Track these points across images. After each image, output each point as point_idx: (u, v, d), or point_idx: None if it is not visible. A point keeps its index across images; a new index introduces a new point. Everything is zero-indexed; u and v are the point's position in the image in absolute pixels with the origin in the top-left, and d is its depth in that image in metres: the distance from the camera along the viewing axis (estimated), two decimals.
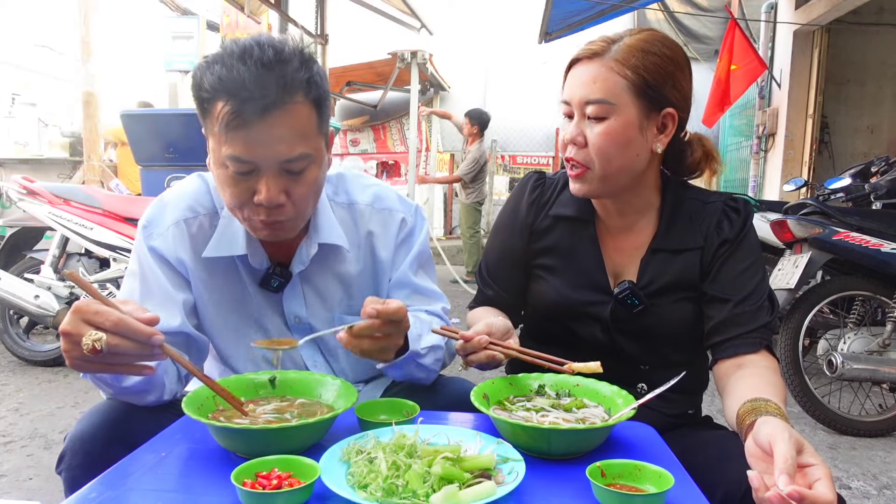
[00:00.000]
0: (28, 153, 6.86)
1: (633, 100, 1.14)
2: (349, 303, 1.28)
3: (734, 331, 1.19)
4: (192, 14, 8.94)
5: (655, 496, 0.77)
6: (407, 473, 0.77)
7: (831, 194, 3.96)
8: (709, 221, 1.25)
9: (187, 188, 1.24)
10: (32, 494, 2.22)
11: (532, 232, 1.33)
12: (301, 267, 1.22)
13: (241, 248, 1.18)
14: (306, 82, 1.04)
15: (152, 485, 0.82)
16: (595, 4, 6.13)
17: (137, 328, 0.84)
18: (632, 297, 1.23)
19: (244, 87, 0.97)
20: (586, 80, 1.15)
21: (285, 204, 1.06)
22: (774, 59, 6.84)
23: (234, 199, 1.06)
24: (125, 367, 0.88)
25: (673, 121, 1.19)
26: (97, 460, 0.96)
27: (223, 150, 1.02)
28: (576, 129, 1.17)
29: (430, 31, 8.73)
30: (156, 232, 1.19)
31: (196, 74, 1.04)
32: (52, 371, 3.75)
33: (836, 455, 2.82)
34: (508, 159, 11.94)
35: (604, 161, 1.16)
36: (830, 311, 3.39)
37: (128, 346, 0.84)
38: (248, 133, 0.99)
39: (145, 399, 1.08)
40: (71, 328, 0.84)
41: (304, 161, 1.06)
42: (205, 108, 1.03)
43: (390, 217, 1.29)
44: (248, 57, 0.99)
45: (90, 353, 0.82)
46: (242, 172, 1.03)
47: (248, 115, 0.98)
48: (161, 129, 3.91)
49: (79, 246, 3.70)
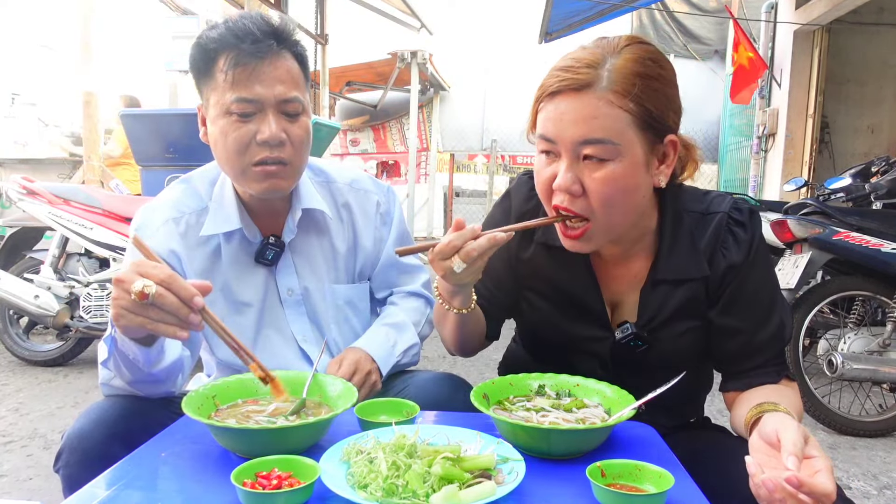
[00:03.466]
0: (28, 153, 6.86)
1: (637, 136, 0.98)
2: (335, 274, 1.37)
3: (749, 363, 1.10)
4: (192, 14, 8.94)
5: (655, 496, 0.77)
6: (407, 473, 0.77)
7: (831, 194, 3.96)
8: (712, 241, 1.11)
9: (171, 194, 1.32)
10: (32, 494, 2.22)
11: (519, 257, 1.21)
12: (291, 235, 1.31)
13: (235, 223, 1.27)
14: (293, 42, 1.21)
15: (152, 485, 0.82)
16: (595, 4, 6.13)
17: (184, 285, 0.91)
18: (634, 339, 1.12)
19: (249, 34, 1.14)
20: (582, 116, 0.97)
21: (286, 143, 1.18)
22: (774, 59, 6.84)
23: (237, 143, 1.16)
24: (163, 324, 0.91)
25: (675, 148, 1.04)
26: (95, 458, 0.97)
27: (227, 96, 1.15)
28: (570, 177, 0.99)
29: (429, 31, 8.73)
30: (147, 233, 1.26)
31: (201, 37, 1.18)
32: (51, 371, 3.75)
33: (836, 455, 2.82)
34: (508, 159, 11.94)
35: (608, 211, 1.01)
36: (830, 311, 3.39)
37: (172, 301, 0.89)
38: (252, 73, 1.14)
39: (160, 389, 1.12)
40: (125, 276, 0.90)
41: (299, 105, 1.19)
42: (208, 65, 1.17)
43: (366, 198, 1.40)
44: (246, 17, 1.17)
45: (138, 297, 0.87)
46: (246, 114, 1.15)
47: (251, 58, 1.14)
48: (161, 129, 3.90)
49: (79, 246, 3.70)
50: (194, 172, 1.36)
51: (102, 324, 3.63)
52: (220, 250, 1.29)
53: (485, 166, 11.68)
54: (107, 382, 1.12)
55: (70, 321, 3.66)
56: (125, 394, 1.12)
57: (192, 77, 1.23)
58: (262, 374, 0.96)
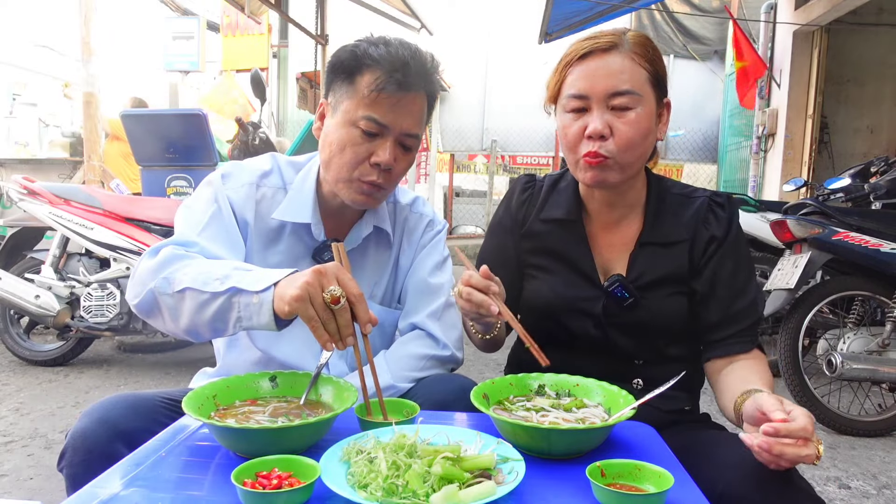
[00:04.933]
0: (28, 153, 6.86)
1: (651, 90, 1.18)
2: (377, 291, 1.40)
3: (728, 330, 1.23)
4: (192, 14, 8.95)
5: (655, 496, 0.78)
6: (407, 473, 0.78)
7: (831, 194, 3.96)
8: (695, 216, 1.27)
9: (260, 164, 1.35)
10: (33, 494, 2.23)
11: (523, 234, 1.35)
12: (354, 244, 1.34)
13: (307, 217, 1.30)
14: (434, 85, 1.29)
15: (152, 484, 0.82)
16: (595, 5, 6.14)
17: (367, 310, 0.97)
18: (621, 289, 1.24)
19: (405, 66, 1.21)
20: (612, 70, 1.16)
21: (392, 170, 1.25)
22: (774, 59, 6.84)
23: (353, 156, 1.23)
24: (323, 331, 0.95)
25: (668, 110, 1.25)
26: (98, 457, 0.97)
27: (361, 112, 1.21)
28: (602, 122, 1.16)
29: (430, 32, 8.74)
30: (232, 185, 1.29)
31: (359, 47, 1.23)
32: (52, 371, 3.75)
33: (835, 455, 2.82)
34: (508, 159, 11.95)
35: (628, 151, 1.17)
36: (830, 311, 3.39)
37: (347, 319, 0.96)
38: (392, 101, 1.21)
39: (188, 338, 1.15)
40: (327, 272, 0.96)
41: (415, 141, 1.27)
42: (354, 74, 1.22)
43: (419, 221, 1.45)
44: (406, 48, 1.24)
45: (331, 300, 0.94)
46: (371, 133, 1.22)
47: (398, 89, 1.20)
48: (161, 129, 3.90)
49: (79, 246, 3.70)
50: (282, 156, 1.39)
51: (103, 323, 3.63)
52: (282, 233, 1.31)
53: (485, 166, 11.69)
54: (157, 293, 1.09)
55: (71, 321, 3.66)
56: (152, 312, 1.13)
57: (330, 74, 1.27)
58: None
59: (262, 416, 0.98)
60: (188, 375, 1.72)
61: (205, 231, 1.22)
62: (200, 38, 8.62)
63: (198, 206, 1.27)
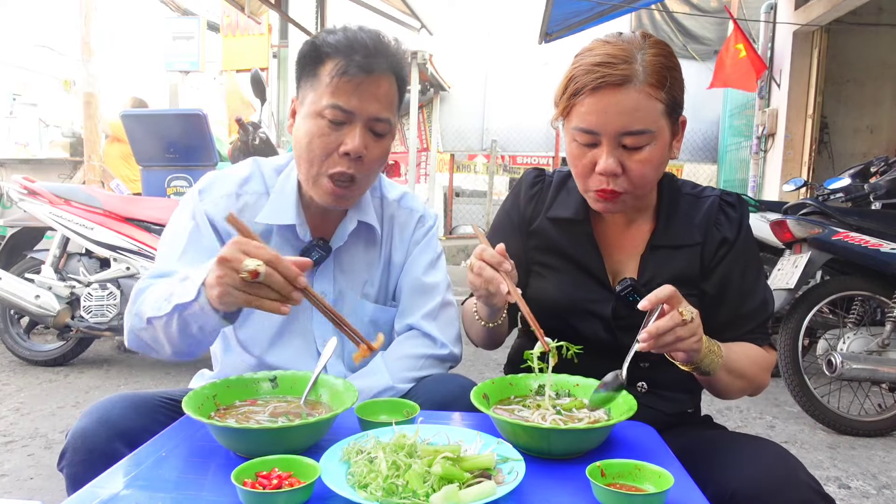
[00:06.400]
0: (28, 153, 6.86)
1: (665, 121, 1.13)
2: (369, 289, 1.38)
3: (738, 330, 1.22)
4: (192, 14, 8.96)
5: (655, 496, 0.78)
6: (407, 473, 0.78)
7: (831, 194, 3.96)
8: (706, 218, 1.25)
9: (240, 171, 1.34)
10: (33, 494, 2.23)
11: (531, 231, 1.33)
12: (340, 242, 1.32)
13: (291, 218, 1.29)
14: (401, 66, 1.25)
15: (153, 484, 0.82)
16: (595, 5, 6.14)
17: (289, 265, 0.94)
18: (633, 293, 1.21)
19: (363, 47, 1.18)
20: (623, 109, 1.08)
21: (363, 159, 1.20)
22: (774, 59, 6.84)
23: (320, 148, 1.19)
24: (268, 301, 0.94)
25: (683, 127, 1.19)
26: (99, 457, 0.97)
27: (324, 101, 1.18)
28: (614, 161, 1.11)
29: (430, 32, 8.73)
30: (209, 199, 1.28)
31: (318, 37, 1.23)
32: (52, 371, 3.75)
33: (835, 455, 2.82)
34: (508, 159, 11.94)
35: (641, 186, 1.15)
36: (830, 311, 3.39)
37: (279, 280, 0.93)
38: (355, 85, 1.17)
39: (184, 358, 1.14)
40: (230, 255, 0.93)
41: (387, 126, 1.23)
42: (316, 64, 1.20)
43: (409, 216, 1.42)
44: (365, 31, 1.22)
45: (250, 276, 0.91)
46: (337, 122, 1.18)
47: (359, 71, 1.17)
48: (161, 129, 3.91)
49: (79, 246, 3.70)
50: (264, 160, 1.38)
51: (103, 323, 3.63)
52: (269, 237, 1.30)
53: (485, 166, 11.69)
54: (136, 331, 1.14)
55: (71, 321, 3.66)
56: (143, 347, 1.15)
57: (297, 70, 1.25)
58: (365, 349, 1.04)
59: (262, 416, 0.98)
60: (188, 375, 1.72)
61: (184, 256, 1.22)
62: (200, 39, 8.63)
63: (176, 227, 1.28)
